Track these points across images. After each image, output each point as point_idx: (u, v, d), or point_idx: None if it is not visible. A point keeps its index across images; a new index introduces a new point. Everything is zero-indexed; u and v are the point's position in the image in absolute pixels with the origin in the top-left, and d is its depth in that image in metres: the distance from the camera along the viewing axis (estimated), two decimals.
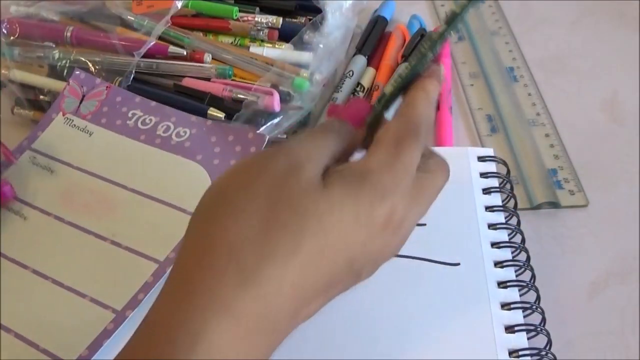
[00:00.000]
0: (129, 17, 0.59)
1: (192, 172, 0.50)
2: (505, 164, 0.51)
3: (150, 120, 0.53)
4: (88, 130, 0.54)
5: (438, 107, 0.57)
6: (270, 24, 0.58)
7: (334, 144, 0.33)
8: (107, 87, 0.55)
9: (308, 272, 0.29)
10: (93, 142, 0.53)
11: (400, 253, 0.45)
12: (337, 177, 0.31)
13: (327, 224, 0.29)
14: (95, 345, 0.42)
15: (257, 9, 0.59)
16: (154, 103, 0.54)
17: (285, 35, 0.59)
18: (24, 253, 0.47)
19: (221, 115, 0.53)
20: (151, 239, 0.47)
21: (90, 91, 0.56)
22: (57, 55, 0.57)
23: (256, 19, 0.58)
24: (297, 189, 0.30)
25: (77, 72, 0.56)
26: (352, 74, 0.59)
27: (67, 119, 0.55)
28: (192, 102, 0.54)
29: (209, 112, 0.53)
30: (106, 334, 0.43)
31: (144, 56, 0.56)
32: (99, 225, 0.48)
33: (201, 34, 0.59)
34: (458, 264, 0.45)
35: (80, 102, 0.55)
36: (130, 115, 0.54)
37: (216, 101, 0.54)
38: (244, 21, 0.58)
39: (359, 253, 0.30)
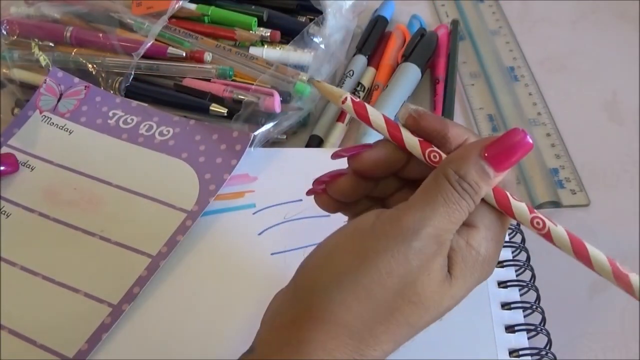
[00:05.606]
0: (128, 20, 0.59)
1: (179, 170, 0.50)
2: None
3: (132, 119, 0.53)
4: (67, 129, 0.54)
5: (435, 110, 0.57)
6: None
7: (463, 217, 0.32)
8: (85, 86, 0.55)
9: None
10: (73, 139, 0.53)
11: None
12: (461, 268, 0.32)
13: (443, 308, 0.32)
14: (94, 338, 0.42)
15: (255, 19, 0.59)
16: (135, 103, 0.54)
17: (287, 34, 0.59)
18: (10, 250, 0.47)
19: (223, 110, 0.53)
20: (141, 233, 0.47)
21: (67, 90, 0.55)
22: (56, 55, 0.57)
23: (262, 33, 0.58)
24: (425, 290, 0.31)
25: (54, 71, 0.56)
26: (353, 73, 0.59)
27: (45, 116, 0.54)
28: (194, 98, 0.55)
29: (211, 108, 0.53)
30: (104, 327, 0.43)
31: (144, 57, 0.56)
32: (86, 221, 0.48)
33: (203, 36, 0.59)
34: None
35: (58, 100, 0.55)
36: (110, 114, 0.54)
37: (216, 101, 0.54)
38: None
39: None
